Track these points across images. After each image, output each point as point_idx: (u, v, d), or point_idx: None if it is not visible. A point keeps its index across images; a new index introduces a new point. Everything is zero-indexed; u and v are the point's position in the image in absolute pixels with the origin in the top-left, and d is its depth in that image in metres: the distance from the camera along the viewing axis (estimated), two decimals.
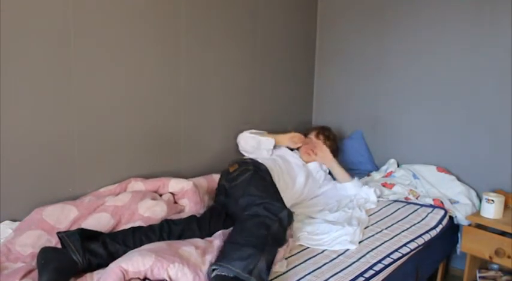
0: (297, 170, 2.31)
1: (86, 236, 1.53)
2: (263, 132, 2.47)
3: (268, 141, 2.40)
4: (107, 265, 1.42)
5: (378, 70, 2.79)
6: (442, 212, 2.21)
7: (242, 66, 2.55)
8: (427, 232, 2.00)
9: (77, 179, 1.88)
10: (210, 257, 1.50)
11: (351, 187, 2.37)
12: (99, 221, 1.72)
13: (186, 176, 2.16)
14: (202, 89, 2.34)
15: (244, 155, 2.42)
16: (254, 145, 2.39)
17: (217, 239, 1.66)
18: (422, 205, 2.28)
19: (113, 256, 1.49)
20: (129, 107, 2.03)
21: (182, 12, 2.17)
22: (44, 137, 1.76)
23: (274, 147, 2.47)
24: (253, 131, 2.46)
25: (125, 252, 1.48)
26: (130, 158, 2.07)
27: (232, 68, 2.49)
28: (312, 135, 2.54)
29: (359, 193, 2.33)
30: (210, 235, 1.73)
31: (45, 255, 1.42)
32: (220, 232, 1.74)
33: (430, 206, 2.27)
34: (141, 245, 1.54)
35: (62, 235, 1.49)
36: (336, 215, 2.04)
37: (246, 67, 2.58)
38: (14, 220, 1.71)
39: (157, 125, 2.16)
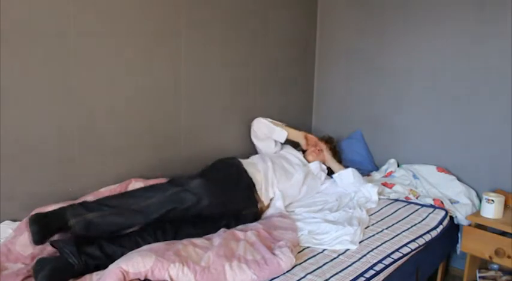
0: (296, 168, 2.33)
1: (82, 242, 1.53)
2: (281, 124, 2.52)
3: (281, 132, 2.44)
4: (105, 266, 1.42)
5: (377, 70, 2.79)
6: (442, 212, 2.21)
7: (242, 66, 2.55)
8: (427, 232, 2.00)
9: (77, 178, 1.88)
10: (211, 254, 1.50)
11: (349, 174, 2.36)
12: None
13: None
14: (202, 89, 2.34)
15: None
16: (266, 132, 2.45)
17: (216, 237, 1.66)
18: (423, 205, 2.28)
19: (110, 258, 1.49)
20: (129, 106, 2.03)
21: (182, 12, 2.17)
22: (44, 136, 1.76)
23: (282, 146, 2.53)
24: (270, 120, 2.51)
25: (122, 253, 1.49)
26: (131, 157, 2.06)
27: (232, 67, 2.49)
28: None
29: (361, 190, 2.33)
30: (207, 233, 1.73)
31: (41, 261, 1.43)
32: (221, 230, 1.74)
33: (431, 206, 2.27)
34: (137, 246, 1.54)
35: (56, 242, 1.50)
36: (337, 215, 2.04)
37: (246, 67, 2.58)
38: (14, 220, 1.71)
39: (157, 125, 2.16)
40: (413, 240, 1.90)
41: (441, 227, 2.10)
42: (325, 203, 2.27)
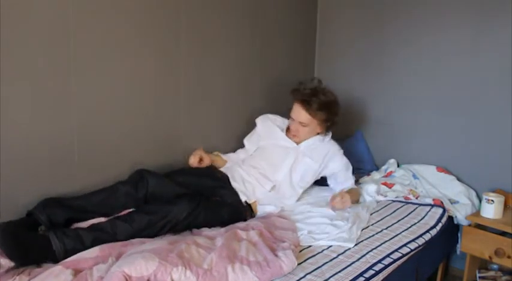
0: (283, 157, 2.20)
1: None
2: None
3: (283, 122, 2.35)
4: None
5: (377, 70, 2.79)
6: (440, 210, 2.21)
7: (242, 66, 2.55)
8: (427, 231, 2.00)
9: (76, 179, 1.88)
10: (214, 256, 1.50)
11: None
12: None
13: None
14: (202, 88, 2.34)
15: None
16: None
17: (219, 237, 1.66)
18: (420, 204, 2.28)
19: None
20: (129, 107, 2.03)
21: (182, 11, 2.17)
22: (44, 137, 1.76)
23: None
24: None
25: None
26: (131, 158, 2.06)
27: (232, 68, 2.49)
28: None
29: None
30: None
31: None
32: (223, 229, 1.76)
33: (429, 204, 2.27)
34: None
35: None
36: (334, 213, 2.05)
37: (246, 67, 2.58)
38: None
39: (158, 126, 2.16)
40: (413, 240, 1.90)
41: (440, 225, 2.10)
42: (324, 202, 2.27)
